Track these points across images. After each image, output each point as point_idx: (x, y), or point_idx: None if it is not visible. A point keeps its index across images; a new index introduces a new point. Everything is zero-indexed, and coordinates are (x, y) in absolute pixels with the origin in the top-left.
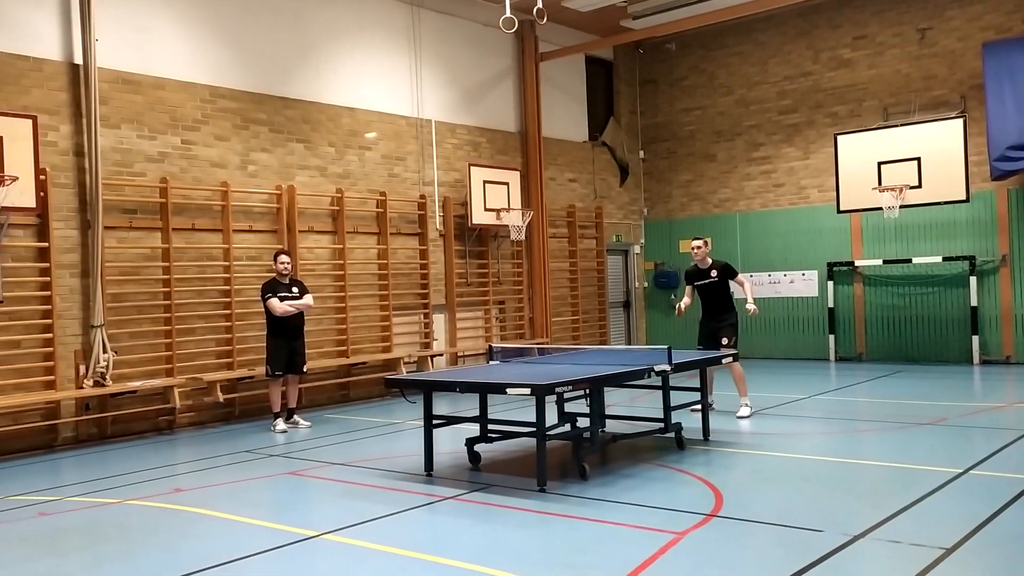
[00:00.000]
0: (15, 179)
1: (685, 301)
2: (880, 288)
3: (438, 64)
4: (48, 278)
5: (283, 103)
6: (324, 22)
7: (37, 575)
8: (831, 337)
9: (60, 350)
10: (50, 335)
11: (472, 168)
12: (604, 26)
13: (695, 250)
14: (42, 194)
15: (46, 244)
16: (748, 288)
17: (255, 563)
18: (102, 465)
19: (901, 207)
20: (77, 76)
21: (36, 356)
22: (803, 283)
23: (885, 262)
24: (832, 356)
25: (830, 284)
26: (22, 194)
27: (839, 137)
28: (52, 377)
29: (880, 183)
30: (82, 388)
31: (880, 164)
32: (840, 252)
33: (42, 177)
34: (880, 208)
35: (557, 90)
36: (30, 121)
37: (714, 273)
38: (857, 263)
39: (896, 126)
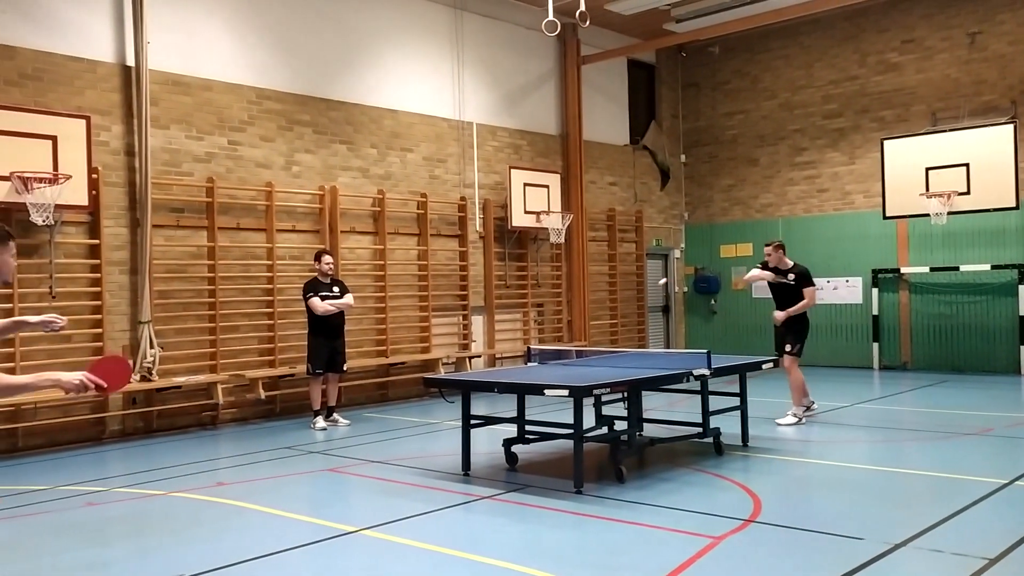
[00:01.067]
0: (69, 178)
1: (753, 274)
2: (926, 296)
3: (480, 67)
4: (99, 274)
5: (327, 105)
6: (368, 25)
7: (84, 563)
8: (875, 345)
9: (109, 345)
10: (99, 330)
11: (512, 171)
12: (647, 29)
13: (768, 255)
14: (94, 192)
15: (97, 241)
16: (804, 302)
17: (295, 556)
18: (147, 458)
19: (949, 214)
20: (129, 78)
21: (86, 351)
22: (847, 290)
23: (932, 269)
24: (876, 364)
25: (875, 291)
26: (75, 192)
27: (886, 142)
28: None
29: (927, 189)
30: (129, 382)
31: (928, 170)
32: (885, 259)
33: (94, 176)
34: (927, 215)
35: (598, 93)
36: (84, 121)
37: (791, 277)
38: (903, 270)
39: (944, 131)
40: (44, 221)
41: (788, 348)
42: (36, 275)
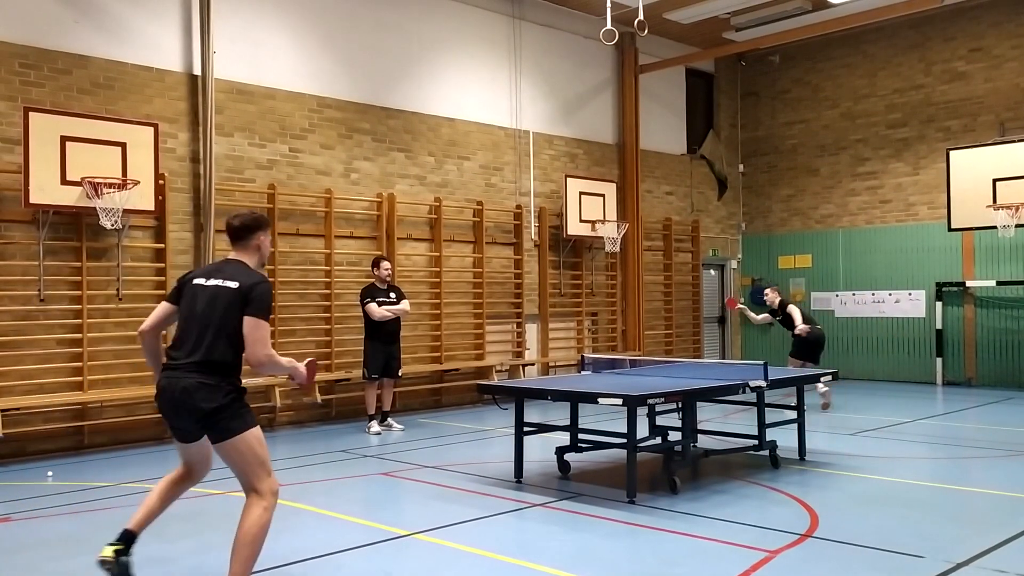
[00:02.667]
0: (136, 183)
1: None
2: (993, 310)
3: (537, 76)
4: (163, 278)
5: (386, 113)
6: (427, 35)
7: (147, 558)
8: (939, 360)
9: None
10: (164, 332)
11: (568, 179)
12: (706, 38)
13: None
14: (160, 198)
15: (162, 245)
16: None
17: (348, 558)
18: None
19: (1017, 226)
20: (195, 86)
21: None
22: (909, 303)
23: (999, 283)
24: (939, 380)
25: (938, 305)
26: (142, 198)
27: (952, 152)
28: None
29: (995, 201)
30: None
31: (995, 181)
32: (950, 272)
33: (161, 182)
34: (994, 227)
35: (656, 102)
36: (152, 129)
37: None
38: (968, 284)
39: (1013, 142)
40: (112, 225)
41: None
42: (104, 277)
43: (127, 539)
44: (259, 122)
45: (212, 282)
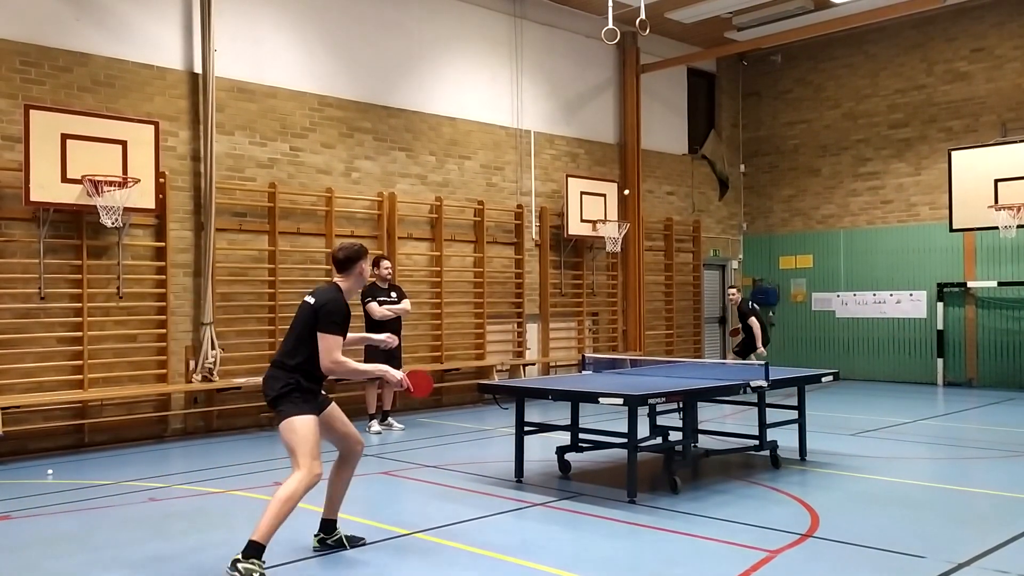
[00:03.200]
0: (137, 181)
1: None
2: (994, 311)
3: (538, 75)
4: (164, 276)
5: (387, 112)
6: (428, 34)
7: (147, 556)
8: (939, 361)
9: (172, 345)
10: (164, 331)
11: (569, 179)
12: (707, 38)
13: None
14: (161, 196)
15: (163, 244)
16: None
17: (348, 556)
18: (207, 456)
19: (1018, 227)
20: (196, 85)
21: (150, 350)
22: (910, 303)
23: (1000, 284)
24: (940, 380)
25: (939, 305)
26: (143, 196)
27: (954, 153)
28: (164, 371)
29: (996, 201)
30: (191, 382)
31: (997, 181)
32: (951, 272)
33: (161, 180)
34: (996, 227)
35: (657, 102)
36: (152, 127)
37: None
38: (970, 284)
39: (1015, 142)
40: (113, 223)
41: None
42: (105, 275)
43: (327, 528)
44: (260, 121)
45: (306, 299)
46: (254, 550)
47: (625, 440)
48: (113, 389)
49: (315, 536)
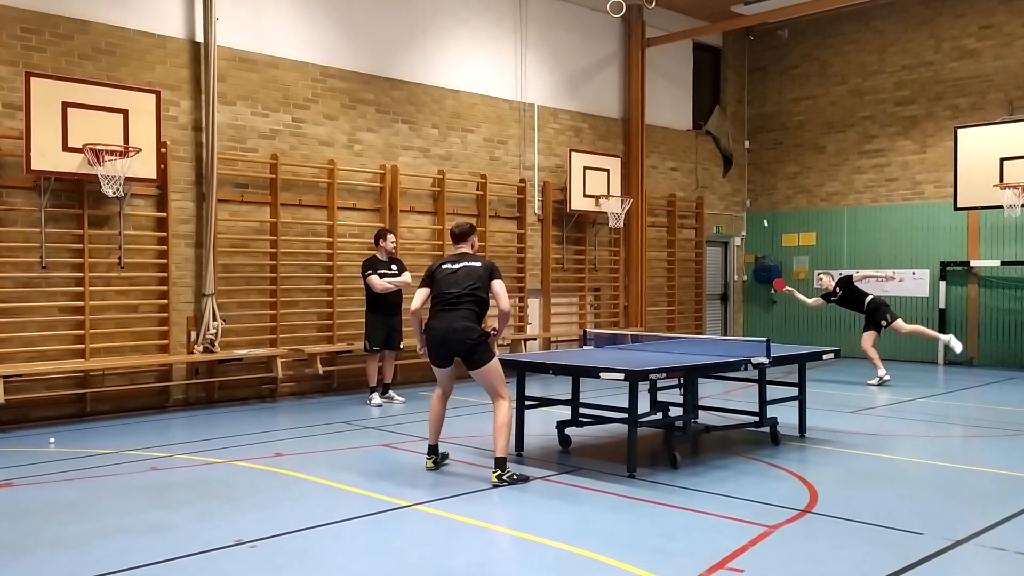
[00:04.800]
0: (139, 151)
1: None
2: (996, 290)
3: (543, 48)
4: (165, 247)
5: (390, 84)
6: (432, 5)
7: (148, 524)
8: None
9: (174, 316)
10: (165, 301)
11: (573, 153)
12: (714, 11)
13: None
14: (162, 166)
15: (164, 214)
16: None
17: (350, 527)
18: (209, 427)
19: (1023, 206)
20: (198, 54)
21: (152, 321)
22: (913, 282)
23: (1003, 263)
24: (941, 359)
25: (942, 284)
26: (144, 166)
27: (960, 131)
28: (166, 341)
29: (1001, 180)
30: (192, 353)
31: (1003, 160)
32: (955, 251)
33: (163, 150)
34: (1000, 206)
35: (662, 77)
36: (154, 96)
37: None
38: (973, 263)
39: (1022, 120)
40: (114, 193)
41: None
42: (106, 245)
43: (433, 451)
44: (262, 91)
45: (460, 264)
46: (502, 463)
47: (626, 415)
48: (115, 359)
49: (428, 458)
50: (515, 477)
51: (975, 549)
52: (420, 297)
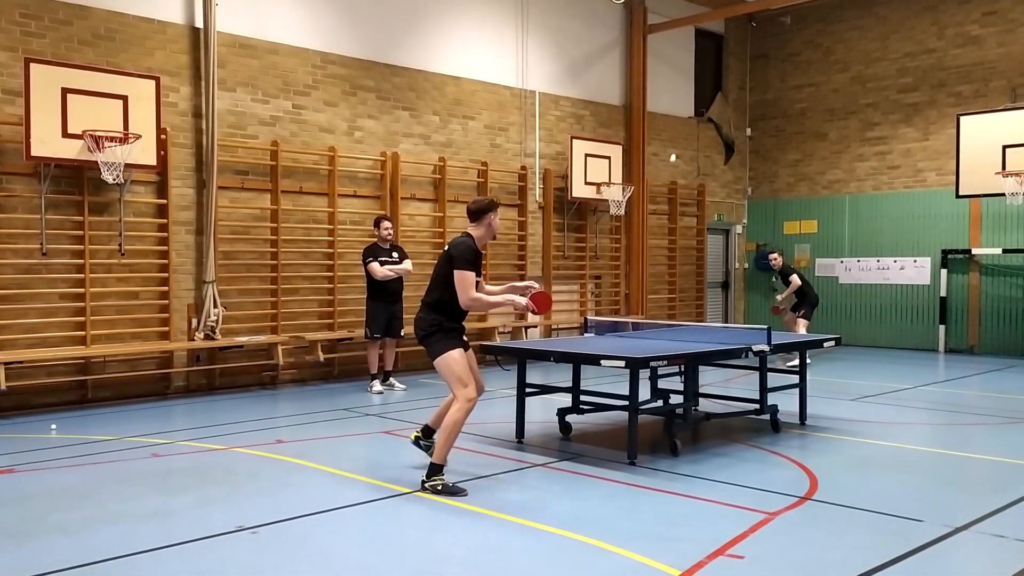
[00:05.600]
0: (138, 137)
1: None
2: (998, 278)
3: (544, 35)
4: (166, 234)
5: (390, 71)
6: None
7: (149, 510)
8: (942, 328)
9: (175, 303)
10: (166, 288)
11: (574, 141)
12: None
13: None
14: (162, 153)
15: (164, 201)
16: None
17: (350, 513)
18: (210, 414)
19: None
20: (197, 39)
21: (152, 308)
22: (914, 270)
23: (1005, 251)
24: (942, 347)
25: (943, 272)
26: (144, 152)
27: (962, 118)
28: (167, 328)
29: (1004, 168)
30: (193, 340)
31: (1005, 147)
32: (956, 239)
33: (163, 136)
34: (1002, 194)
35: (664, 63)
36: (153, 82)
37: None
38: (974, 251)
39: None
40: (114, 179)
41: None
42: (106, 232)
43: (427, 433)
44: (262, 77)
45: (445, 250)
46: (435, 469)
47: (626, 403)
48: (116, 346)
49: (414, 433)
50: (441, 488)
51: (975, 536)
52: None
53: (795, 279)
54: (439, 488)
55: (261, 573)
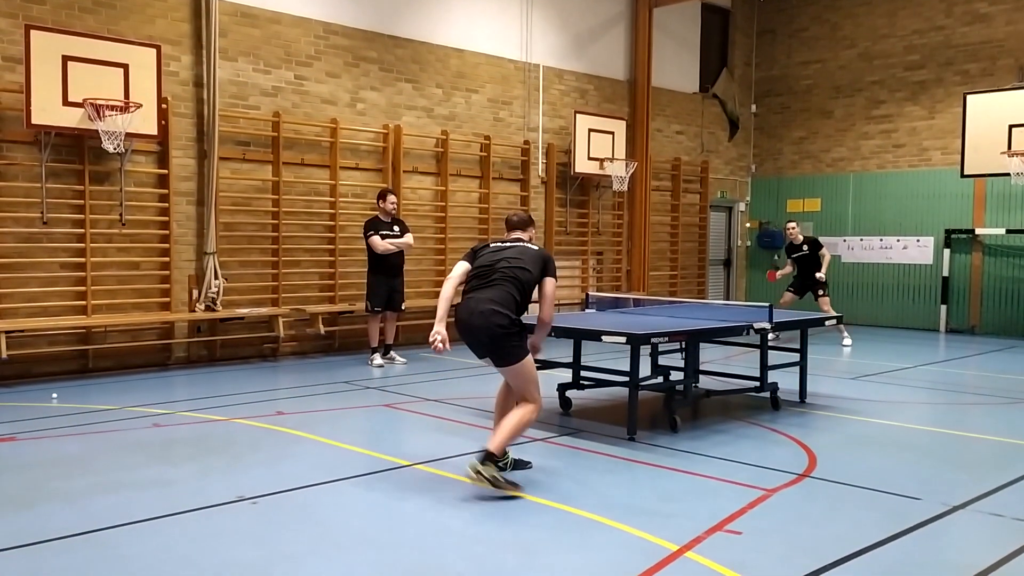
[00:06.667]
0: (139, 106)
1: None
2: (1001, 259)
3: (549, 7)
4: (166, 204)
5: (393, 42)
6: None
7: (150, 479)
8: (943, 308)
9: (175, 274)
10: (167, 259)
11: (578, 115)
12: None
13: (792, 231)
14: (163, 123)
15: (165, 171)
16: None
17: (349, 485)
18: (211, 385)
19: None
20: (199, 8)
21: (153, 278)
22: (917, 249)
23: (1008, 231)
24: (943, 327)
25: (946, 252)
26: (145, 122)
27: (969, 97)
28: (167, 299)
29: (1009, 147)
30: (194, 311)
31: (1011, 127)
32: (960, 219)
33: (164, 106)
34: (1007, 174)
35: (670, 38)
36: (154, 50)
37: (805, 248)
38: (978, 231)
39: None
40: (115, 149)
41: (822, 293)
42: (107, 202)
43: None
44: (264, 47)
45: (512, 245)
46: (491, 458)
47: (627, 378)
48: (117, 316)
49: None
50: (499, 476)
51: (972, 515)
52: (454, 275)
53: (827, 251)
54: (497, 479)
55: (261, 543)
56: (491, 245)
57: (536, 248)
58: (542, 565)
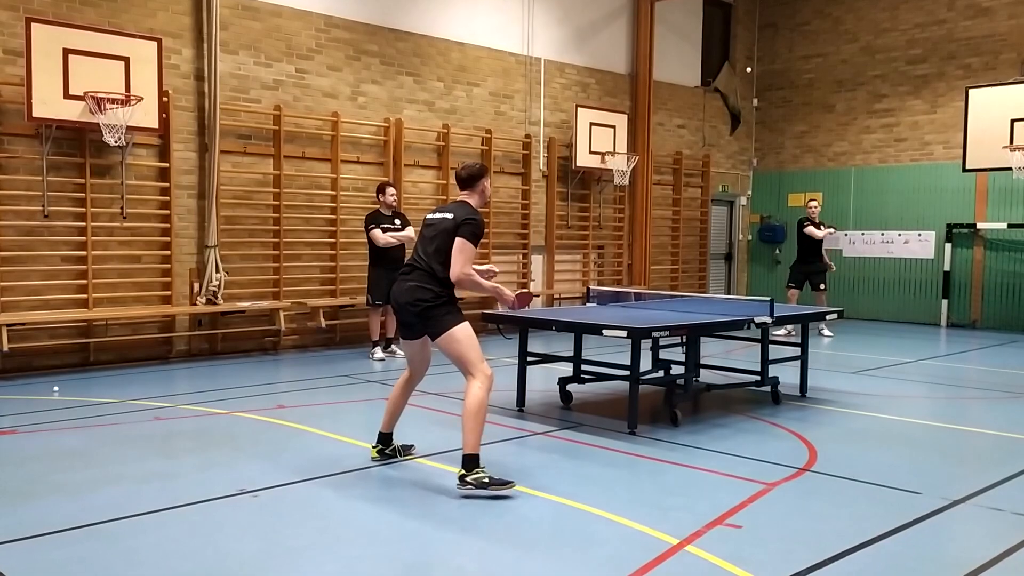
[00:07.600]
0: (140, 99)
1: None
2: (1002, 253)
3: (551, 0)
4: (168, 197)
5: (395, 35)
6: None
7: (151, 472)
8: (944, 302)
9: (177, 267)
10: (168, 252)
11: (579, 109)
12: None
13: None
14: (164, 116)
15: (167, 165)
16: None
17: (350, 478)
18: (212, 378)
19: None
20: (199, 1)
21: (155, 272)
22: (918, 244)
23: (1010, 226)
24: (944, 322)
25: (947, 246)
26: (146, 115)
27: (971, 91)
28: (169, 292)
29: (1012, 142)
30: (195, 305)
31: (1013, 121)
32: (962, 213)
33: (165, 99)
34: (1009, 168)
35: (671, 32)
36: (155, 44)
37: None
38: (979, 226)
39: None
40: (116, 142)
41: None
42: (108, 195)
43: (383, 439)
44: (265, 40)
45: (439, 215)
46: (471, 461)
47: (627, 372)
48: (118, 309)
49: (373, 447)
50: (488, 480)
51: (972, 509)
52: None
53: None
54: (485, 481)
55: (262, 536)
56: (427, 218)
57: (451, 215)
58: (542, 559)
